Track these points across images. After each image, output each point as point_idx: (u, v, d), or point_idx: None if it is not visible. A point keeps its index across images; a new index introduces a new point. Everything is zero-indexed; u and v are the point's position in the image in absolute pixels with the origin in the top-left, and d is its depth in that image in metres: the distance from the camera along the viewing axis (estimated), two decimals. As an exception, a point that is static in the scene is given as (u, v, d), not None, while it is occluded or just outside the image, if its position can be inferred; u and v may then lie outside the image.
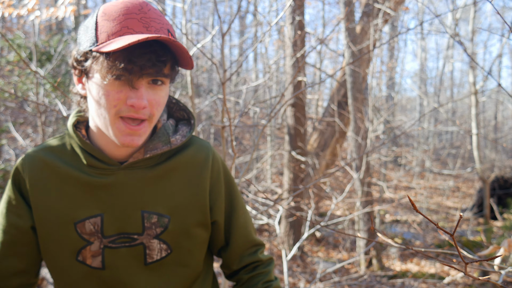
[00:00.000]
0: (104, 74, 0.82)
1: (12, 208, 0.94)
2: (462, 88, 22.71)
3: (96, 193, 0.93)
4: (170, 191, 0.96)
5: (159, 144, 0.95)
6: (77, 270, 0.94)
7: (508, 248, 1.35)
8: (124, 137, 0.86)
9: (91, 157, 0.93)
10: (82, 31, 0.87)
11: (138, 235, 0.94)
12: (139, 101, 0.83)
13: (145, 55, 0.80)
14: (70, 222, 0.92)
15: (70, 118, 0.97)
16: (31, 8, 2.29)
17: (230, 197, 1.06)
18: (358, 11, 6.63)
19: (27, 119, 6.87)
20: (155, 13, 0.86)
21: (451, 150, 15.22)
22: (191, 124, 1.03)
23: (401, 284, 5.39)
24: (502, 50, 9.33)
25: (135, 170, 0.94)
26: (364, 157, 5.30)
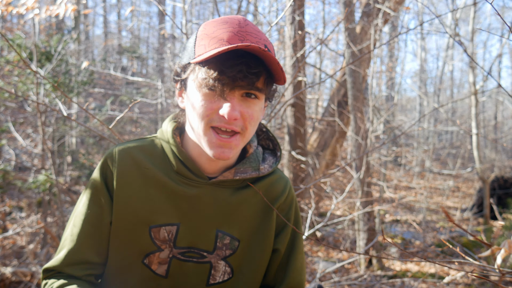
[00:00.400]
0: (198, 85, 0.85)
1: (96, 200, 0.94)
2: (462, 88, 22.71)
3: (178, 202, 0.93)
4: (245, 216, 0.97)
5: (249, 169, 0.97)
6: (139, 272, 0.94)
7: (508, 249, 1.35)
8: (215, 148, 0.87)
9: (182, 166, 0.93)
10: (185, 47, 0.91)
11: (208, 253, 0.94)
12: (231, 112, 0.83)
13: (236, 66, 0.81)
14: (146, 225, 0.92)
15: (168, 123, 0.98)
16: (30, 6, 2.29)
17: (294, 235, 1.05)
18: (358, 11, 6.63)
19: (27, 119, 6.87)
20: (253, 28, 0.87)
21: (451, 150, 15.22)
22: (276, 156, 1.04)
23: (401, 284, 5.39)
24: (502, 50, 9.34)
25: (220, 189, 0.95)
26: (364, 157, 5.30)
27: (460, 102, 18.01)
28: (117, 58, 15.62)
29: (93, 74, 6.65)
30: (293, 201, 1.05)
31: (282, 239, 1.01)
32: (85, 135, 7.31)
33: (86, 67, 6.72)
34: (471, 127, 7.89)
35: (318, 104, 13.60)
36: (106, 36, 18.23)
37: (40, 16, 2.24)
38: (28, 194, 6.66)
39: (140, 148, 0.96)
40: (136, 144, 0.97)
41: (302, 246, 1.06)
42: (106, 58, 10.35)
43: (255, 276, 0.99)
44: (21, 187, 5.46)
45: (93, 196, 0.94)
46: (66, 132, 6.53)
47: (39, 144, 6.65)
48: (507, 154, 14.64)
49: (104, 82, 13.25)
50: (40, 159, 7.07)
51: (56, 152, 6.52)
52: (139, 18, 17.39)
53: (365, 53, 1.59)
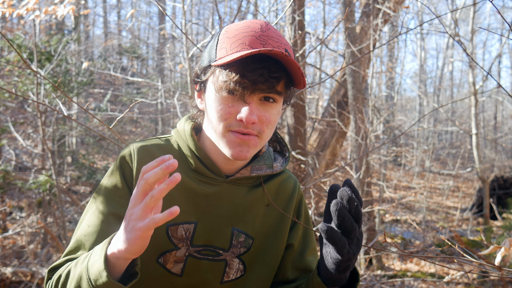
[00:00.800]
0: (218, 87, 0.86)
1: (116, 197, 0.92)
2: (462, 88, 22.72)
3: (196, 200, 0.94)
4: (259, 214, 0.99)
5: (263, 166, 0.99)
6: (153, 272, 0.93)
7: (509, 247, 1.36)
8: (234, 148, 0.88)
9: (201, 164, 0.95)
10: (207, 49, 0.92)
11: (224, 251, 0.95)
12: (249, 116, 0.84)
13: (258, 70, 0.82)
14: (166, 224, 0.92)
15: (185, 122, 1.00)
16: (30, 7, 2.29)
17: (305, 231, 1.07)
18: (358, 11, 6.64)
19: (27, 119, 6.87)
20: (275, 33, 0.88)
21: (451, 150, 15.23)
22: (285, 157, 1.06)
23: (401, 283, 5.40)
24: (502, 50, 9.34)
25: (237, 187, 0.97)
26: (364, 157, 5.31)
27: (460, 102, 18.02)
28: (117, 58, 15.63)
29: (93, 74, 6.66)
30: (302, 198, 1.08)
31: (295, 233, 1.03)
32: (85, 135, 7.31)
33: (86, 67, 6.73)
34: (471, 127, 7.89)
35: (318, 104, 13.61)
36: (106, 36, 18.24)
37: (41, 18, 2.25)
38: (28, 194, 6.66)
39: (158, 146, 0.97)
40: (153, 142, 0.98)
41: (314, 240, 1.09)
42: (106, 58, 10.35)
43: (266, 273, 1.00)
44: (21, 187, 5.46)
45: (112, 193, 0.93)
46: (66, 132, 6.53)
47: (39, 144, 6.66)
48: (507, 154, 14.64)
49: (104, 82, 13.26)
50: (40, 159, 7.07)
51: (56, 152, 6.52)
52: (139, 18, 17.40)
53: (365, 53, 1.59)
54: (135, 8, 19.32)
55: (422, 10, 13.52)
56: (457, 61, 18.46)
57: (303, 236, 1.06)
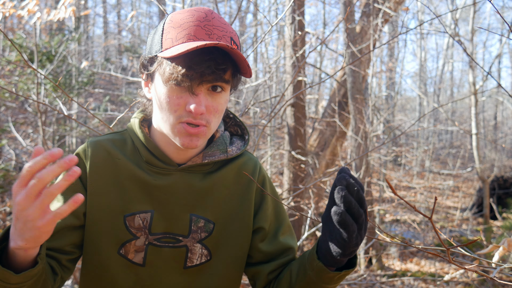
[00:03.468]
0: (166, 79, 0.86)
1: (68, 191, 0.93)
2: (462, 88, 22.73)
3: (150, 190, 0.95)
4: (218, 199, 0.99)
5: (217, 152, 0.99)
6: (116, 263, 0.95)
7: (507, 247, 1.36)
8: (184, 138, 0.89)
9: (151, 155, 0.96)
10: (150, 37, 0.92)
11: (183, 237, 0.96)
12: (198, 107, 0.85)
13: (204, 62, 0.83)
14: (121, 214, 0.94)
15: (135, 115, 1.01)
16: (31, 9, 2.30)
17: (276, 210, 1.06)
18: (358, 11, 6.64)
19: (28, 119, 6.88)
20: (219, 21, 0.88)
21: (451, 150, 15.23)
22: (244, 140, 1.06)
23: (400, 283, 5.40)
24: (502, 50, 9.35)
25: (191, 174, 0.97)
26: (364, 157, 5.31)
27: (460, 102, 18.03)
28: (118, 58, 15.63)
29: (94, 74, 6.66)
30: (265, 178, 1.07)
31: (263, 216, 1.03)
32: (85, 136, 7.32)
33: (86, 67, 6.73)
34: (471, 127, 7.90)
35: (318, 104, 13.62)
36: (106, 36, 18.24)
37: (42, 20, 2.25)
38: (29, 194, 6.65)
39: (111, 140, 0.99)
40: (107, 137, 1.00)
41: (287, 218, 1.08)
42: (108, 58, 10.36)
43: (233, 256, 1.01)
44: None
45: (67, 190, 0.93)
46: (66, 132, 6.54)
47: (40, 144, 6.66)
48: (507, 154, 14.65)
49: (104, 82, 13.26)
50: (40, 159, 7.05)
51: (57, 152, 6.52)
52: (139, 18, 17.40)
53: (365, 53, 1.60)
54: (135, 8, 19.33)
55: (422, 10, 13.53)
56: (457, 61, 18.46)
57: (275, 216, 1.05)
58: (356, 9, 6.55)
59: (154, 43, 0.89)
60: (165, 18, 0.90)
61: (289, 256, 1.03)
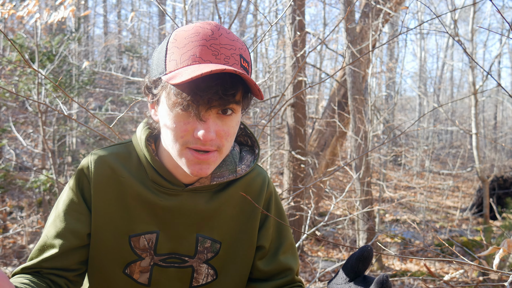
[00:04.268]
0: (171, 104, 0.80)
1: (72, 212, 0.91)
2: (462, 88, 22.73)
3: (156, 210, 0.92)
4: (225, 218, 0.97)
5: (226, 173, 0.94)
6: (121, 282, 0.93)
7: (507, 249, 1.36)
8: (193, 166, 0.83)
9: (157, 175, 0.91)
10: (155, 56, 0.86)
11: (189, 258, 0.94)
12: (206, 134, 0.79)
13: (211, 88, 0.76)
14: (126, 234, 0.91)
15: (142, 130, 0.95)
16: (31, 9, 2.30)
17: (279, 228, 1.03)
18: (358, 11, 6.64)
19: (28, 119, 6.88)
20: (227, 38, 0.81)
21: (451, 150, 15.24)
22: (254, 153, 1.01)
23: (400, 283, 5.41)
24: (502, 50, 9.35)
25: (198, 194, 0.94)
26: (364, 157, 5.32)
27: (460, 102, 18.03)
28: (119, 58, 15.63)
29: (94, 74, 6.67)
30: (272, 194, 1.03)
31: (264, 234, 1.00)
32: (86, 135, 7.32)
33: (87, 67, 6.73)
34: (471, 127, 7.90)
35: (318, 104, 13.62)
36: (106, 36, 18.24)
37: (42, 20, 2.26)
38: (29, 194, 6.67)
39: (115, 155, 0.94)
40: (111, 151, 0.95)
41: (290, 237, 1.04)
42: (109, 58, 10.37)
43: (239, 275, 0.99)
44: (21, 187, 5.47)
45: (69, 208, 0.91)
46: (66, 132, 6.54)
47: (40, 144, 6.66)
48: (507, 154, 14.66)
49: (105, 82, 13.27)
50: (40, 159, 7.08)
51: (57, 152, 6.53)
52: (139, 18, 17.39)
53: (365, 53, 1.60)
54: (135, 8, 19.33)
55: (422, 10, 13.53)
56: (457, 61, 18.46)
57: (277, 233, 1.02)
58: (356, 9, 6.56)
59: (158, 64, 0.83)
60: (169, 35, 0.84)
61: (287, 278, 1.00)
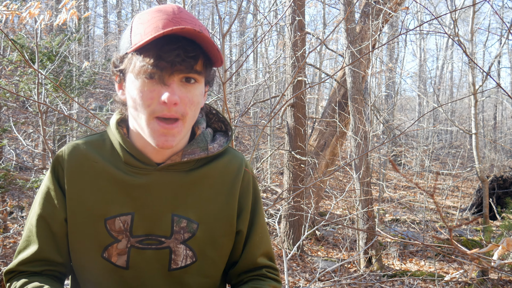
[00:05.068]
0: (136, 73, 0.84)
1: (49, 198, 0.94)
2: (461, 88, 22.74)
3: (129, 191, 0.94)
4: (201, 198, 0.97)
5: (197, 150, 0.96)
6: (100, 267, 0.94)
7: (507, 247, 1.37)
8: (158, 137, 0.87)
9: (129, 156, 0.94)
10: (121, 38, 0.91)
11: (166, 238, 0.94)
12: (171, 97, 0.83)
13: (173, 50, 0.81)
14: (101, 217, 0.93)
15: (114, 116, 0.99)
16: (32, 12, 2.31)
17: (254, 212, 1.04)
18: (358, 11, 6.65)
19: (28, 119, 6.89)
20: (187, 15, 0.88)
21: (450, 150, 15.25)
22: (228, 136, 1.04)
23: (400, 283, 5.42)
24: (501, 50, 9.35)
25: (171, 173, 0.95)
26: (364, 156, 5.33)
27: (459, 102, 18.05)
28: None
29: (95, 74, 6.68)
30: (250, 178, 1.04)
31: (243, 219, 1.01)
32: (86, 136, 7.32)
33: (87, 67, 6.74)
34: (471, 127, 7.91)
35: (318, 104, 13.63)
36: (106, 36, 18.25)
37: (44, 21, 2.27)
38: (29, 194, 6.68)
39: (89, 143, 0.97)
40: (85, 140, 0.98)
41: (262, 221, 1.06)
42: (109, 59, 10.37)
43: (220, 258, 1.00)
44: (22, 187, 5.48)
45: (46, 195, 0.94)
46: (67, 132, 6.55)
47: (40, 144, 6.67)
48: (506, 154, 14.66)
49: (105, 82, 13.27)
50: (41, 159, 7.08)
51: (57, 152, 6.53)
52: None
53: (365, 53, 1.61)
54: (135, 8, 19.33)
55: (422, 11, 13.54)
56: (457, 61, 18.47)
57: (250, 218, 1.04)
58: (356, 9, 6.57)
59: (124, 42, 0.89)
60: (133, 18, 0.91)
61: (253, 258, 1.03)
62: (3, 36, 5.60)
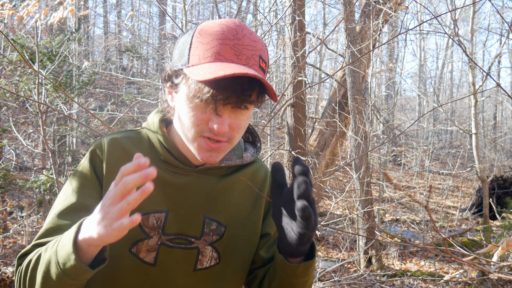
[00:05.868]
0: (191, 96, 0.86)
1: (85, 189, 0.94)
2: (461, 88, 22.74)
3: (166, 189, 0.95)
4: (230, 203, 1.00)
5: (233, 157, 1.01)
6: (127, 262, 0.94)
7: (506, 247, 1.37)
8: (203, 152, 0.89)
9: (169, 155, 0.96)
10: (178, 47, 0.91)
11: (196, 239, 0.96)
12: (220, 127, 0.85)
13: (230, 87, 0.82)
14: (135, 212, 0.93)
15: (154, 114, 1.01)
16: (30, 10, 2.31)
17: None
18: (358, 11, 6.65)
19: (28, 119, 6.89)
20: (249, 39, 0.87)
21: (450, 149, 15.24)
22: (256, 147, 1.08)
23: (400, 283, 5.42)
24: (502, 50, 9.35)
25: (207, 176, 0.98)
26: (364, 157, 5.32)
27: (459, 102, 18.05)
28: (119, 58, 15.63)
29: (95, 74, 6.68)
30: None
31: (270, 222, 1.05)
32: (86, 136, 7.33)
33: (87, 67, 6.74)
34: (471, 127, 7.91)
35: (318, 104, 13.63)
36: (106, 36, 18.25)
37: (41, 20, 2.27)
38: (29, 194, 6.68)
39: (128, 138, 0.98)
40: (124, 134, 0.99)
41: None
42: (109, 58, 10.38)
43: (242, 262, 1.02)
44: (22, 187, 5.48)
45: (82, 184, 0.94)
46: (67, 132, 6.55)
47: (40, 144, 6.67)
48: (506, 154, 14.66)
49: (105, 82, 13.27)
50: (40, 159, 7.08)
51: (57, 152, 6.54)
52: (140, 18, 17.39)
53: (365, 53, 1.61)
54: (135, 8, 19.33)
55: (422, 10, 13.53)
56: (457, 61, 18.46)
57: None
58: (356, 9, 6.56)
59: (181, 55, 0.88)
60: (194, 28, 0.89)
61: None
62: (3, 36, 5.60)
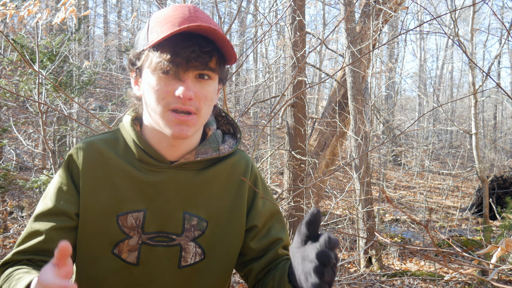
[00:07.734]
0: (153, 69, 0.87)
1: (62, 194, 0.94)
2: (461, 88, 22.74)
3: (143, 188, 0.95)
4: (211, 196, 1.00)
5: (209, 150, 0.99)
6: (110, 263, 0.94)
7: (506, 248, 1.37)
8: (174, 127, 0.89)
9: (143, 153, 0.96)
10: (137, 37, 0.95)
11: (177, 236, 0.96)
12: (185, 92, 0.86)
13: (189, 47, 0.84)
14: (114, 213, 0.94)
15: (127, 114, 1.02)
16: (31, 10, 2.31)
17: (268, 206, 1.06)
18: (358, 11, 6.65)
19: (28, 119, 6.89)
20: (203, 14, 0.91)
21: (450, 150, 15.25)
22: (236, 138, 1.07)
23: (400, 283, 5.42)
24: (501, 50, 9.36)
25: (183, 171, 0.97)
26: (364, 157, 5.33)
27: (459, 102, 18.05)
28: (119, 58, 15.63)
29: (95, 74, 6.68)
30: (257, 177, 1.08)
31: (256, 214, 1.03)
32: (86, 136, 7.33)
33: (87, 67, 6.74)
34: (471, 127, 7.91)
35: (318, 104, 13.63)
36: (106, 36, 18.24)
37: (42, 19, 2.27)
38: (29, 193, 6.68)
39: (103, 140, 0.99)
40: (100, 137, 1.00)
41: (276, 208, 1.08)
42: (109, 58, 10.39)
43: (228, 256, 1.01)
44: (22, 187, 5.48)
45: (59, 190, 0.95)
46: (67, 132, 6.55)
47: (40, 144, 6.67)
48: (506, 154, 14.67)
49: (105, 82, 13.27)
50: (41, 159, 7.09)
51: (57, 152, 6.54)
52: (139, 18, 17.38)
53: (365, 53, 1.61)
54: (135, 8, 19.33)
55: (422, 11, 13.53)
56: (457, 61, 18.46)
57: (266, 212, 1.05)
58: (356, 9, 6.57)
59: (141, 39, 0.92)
60: (150, 17, 0.94)
61: (276, 248, 1.02)
62: (3, 36, 5.61)
